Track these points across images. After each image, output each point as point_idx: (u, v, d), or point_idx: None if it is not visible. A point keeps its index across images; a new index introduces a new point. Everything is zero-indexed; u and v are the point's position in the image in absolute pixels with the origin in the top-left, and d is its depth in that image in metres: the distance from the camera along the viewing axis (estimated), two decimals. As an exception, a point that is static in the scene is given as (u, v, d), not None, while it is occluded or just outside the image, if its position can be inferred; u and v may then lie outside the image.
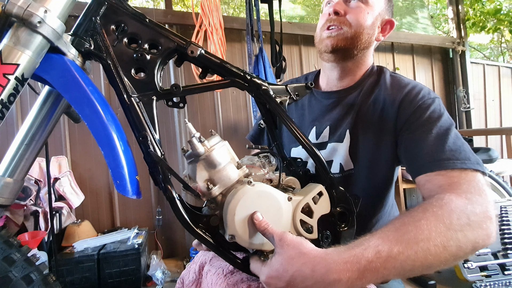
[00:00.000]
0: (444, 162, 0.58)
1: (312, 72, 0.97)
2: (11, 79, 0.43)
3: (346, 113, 0.79)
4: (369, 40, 0.78)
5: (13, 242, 0.48)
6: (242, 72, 0.59)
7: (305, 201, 0.55)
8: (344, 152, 0.76)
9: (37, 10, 0.43)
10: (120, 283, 1.67)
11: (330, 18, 0.76)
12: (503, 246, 1.61)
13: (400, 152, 0.70)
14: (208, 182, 0.52)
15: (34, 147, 0.52)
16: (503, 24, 4.77)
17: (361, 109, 0.76)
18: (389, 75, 0.79)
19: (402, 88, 0.73)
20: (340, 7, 0.75)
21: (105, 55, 0.53)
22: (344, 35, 0.74)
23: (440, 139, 0.62)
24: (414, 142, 0.65)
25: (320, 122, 0.83)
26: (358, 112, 0.77)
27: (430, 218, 0.47)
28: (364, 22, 0.75)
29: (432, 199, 0.52)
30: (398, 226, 0.47)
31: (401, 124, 0.69)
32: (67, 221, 1.85)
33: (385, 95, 0.74)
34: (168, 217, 2.21)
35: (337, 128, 0.79)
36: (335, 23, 0.75)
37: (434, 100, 0.69)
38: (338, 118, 0.80)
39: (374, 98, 0.76)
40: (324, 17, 0.78)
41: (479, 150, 2.32)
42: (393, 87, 0.75)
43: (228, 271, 0.62)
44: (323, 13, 0.81)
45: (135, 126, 0.53)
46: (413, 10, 6.06)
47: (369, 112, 0.75)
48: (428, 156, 0.61)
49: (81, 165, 2.07)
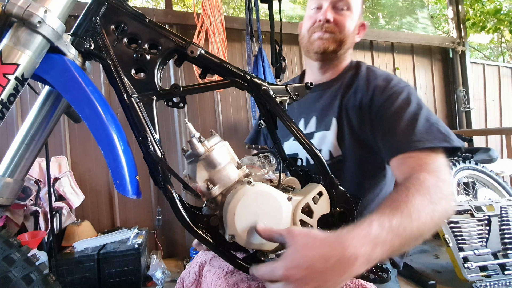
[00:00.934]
0: (415, 143, 0.65)
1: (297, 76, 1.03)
2: (11, 79, 0.43)
3: (331, 102, 0.85)
4: (352, 42, 0.88)
5: (13, 242, 0.48)
6: (242, 72, 0.59)
7: (305, 201, 0.55)
8: (332, 139, 0.81)
9: (37, 10, 0.43)
10: (120, 283, 1.67)
11: (321, 25, 0.82)
12: (503, 246, 1.61)
13: (377, 137, 0.75)
14: (208, 182, 0.52)
15: (34, 147, 0.52)
16: (503, 24, 4.77)
17: (344, 99, 0.82)
18: (365, 68, 0.87)
19: (376, 78, 0.80)
20: (330, 15, 0.82)
21: (105, 55, 0.53)
22: (334, 39, 0.83)
23: (410, 123, 0.68)
24: (387, 127, 0.71)
25: (307, 114, 0.89)
26: (341, 101, 0.83)
27: (415, 194, 0.53)
28: (350, 27, 0.84)
29: (410, 179, 0.59)
30: (390, 204, 0.52)
31: (375, 111, 0.75)
32: (67, 221, 1.85)
33: (362, 85, 0.81)
34: (168, 217, 2.21)
35: (324, 118, 0.84)
36: (326, 29, 0.83)
37: (404, 88, 0.75)
38: (323, 108, 0.86)
39: (355, 88, 0.82)
40: (312, 19, 0.85)
41: (479, 150, 2.33)
42: (369, 78, 0.81)
43: (228, 271, 0.62)
44: (310, 15, 0.86)
45: (135, 126, 0.53)
46: (413, 10, 6.06)
47: (351, 101, 0.81)
48: (400, 139, 0.67)
49: (81, 165, 2.07)
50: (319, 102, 0.88)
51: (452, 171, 1.96)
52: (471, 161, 2.09)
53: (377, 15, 6.68)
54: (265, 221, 0.51)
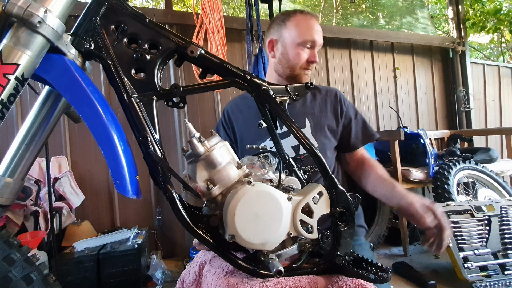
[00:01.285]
0: (366, 139, 1.03)
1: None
2: (11, 79, 0.43)
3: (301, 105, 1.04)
4: None
5: (13, 242, 0.48)
6: (242, 72, 0.59)
7: (305, 201, 0.55)
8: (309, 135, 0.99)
9: (37, 10, 0.43)
10: (120, 283, 1.67)
11: (312, 64, 1.00)
12: (503, 246, 1.61)
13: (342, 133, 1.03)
14: (208, 182, 0.52)
15: (34, 147, 0.52)
16: (503, 24, 4.77)
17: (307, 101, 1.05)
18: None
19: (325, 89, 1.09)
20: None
21: (105, 55, 0.53)
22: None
23: (363, 123, 1.05)
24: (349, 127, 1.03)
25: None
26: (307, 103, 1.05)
27: (382, 169, 0.94)
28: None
29: (369, 161, 0.98)
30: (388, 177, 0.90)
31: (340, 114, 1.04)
32: (67, 221, 1.85)
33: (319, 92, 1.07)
34: (168, 217, 2.21)
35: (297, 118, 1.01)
36: (311, 68, 1.01)
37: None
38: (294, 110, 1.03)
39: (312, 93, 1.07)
40: (304, 57, 0.98)
41: (479, 150, 2.33)
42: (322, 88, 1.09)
43: (228, 271, 0.62)
44: (304, 52, 0.98)
45: (135, 126, 0.53)
46: (413, 10, 6.06)
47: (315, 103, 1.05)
48: (360, 137, 1.03)
49: (81, 165, 2.07)
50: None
51: (452, 171, 1.96)
52: (471, 161, 2.09)
53: (377, 15, 6.68)
54: (265, 221, 0.52)
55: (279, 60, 1.01)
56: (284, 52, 0.99)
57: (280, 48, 1.00)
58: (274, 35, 1.01)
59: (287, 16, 0.99)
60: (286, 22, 0.98)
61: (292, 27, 0.97)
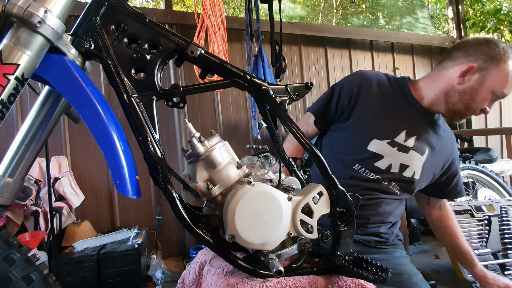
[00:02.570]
0: (458, 195, 1.09)
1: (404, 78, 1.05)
2: (11, 79, 0.43)
3: (431, 133, 0.98)
4: None
5: (13, 242, 0.48)
6: (242, 72, 0.59)
7: (305, 201, 0.55)
8: (420, 163, 0.94)
9: (37, 10, 0.43)
10: (120, 283, 1.67)
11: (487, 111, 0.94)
12: (503, 246, 1.61)
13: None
14: (208, 182, 0.52)
15: (34, 147, 0.52)
16: (503, 24, 4.77)
17: (438, 131, 1.00)
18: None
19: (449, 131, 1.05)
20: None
21: (105, 55, 0.53)
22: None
23: (461, 179, 1.09)
24: (452, 179, 1.07)
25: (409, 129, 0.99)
26: (436, 134, 0.99)
27: (456, 220, 1.13)
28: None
29: (448, 211, 1.13)
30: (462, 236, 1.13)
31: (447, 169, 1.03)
32: (67, 221, 1.85)
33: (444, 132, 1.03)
34: (168, 217, 2.21)
35: (422, 143, 0.95)
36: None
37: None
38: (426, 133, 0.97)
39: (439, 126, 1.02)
40: (488, 105, 0.92)
41: (479, 150, 2.32)
42: (447, 129, 1.05)
43: (228, 271, 0.62)
44: (486, 99, 0.91)
45: (135, 126, 0.53)
46: (413, 10, 6.06)
47: (439, 140, 0.99)
48: (454, 192, 1.08)
49: (81, 165, 2.07)
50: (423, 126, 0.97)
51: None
52: (471, 161, 2.09)
53: (377, 15, 6.68)
54: (265, 221, 0.52)
55: (463, 91, 0.90)
56: (476, 88, 0.89)
57: (474, 80, 0.89)
58: (479, 63, 0.88)
59: (507, 57, 0.87)
60: (500, 63, 0.86)
61: (502, 72, 0.87)
